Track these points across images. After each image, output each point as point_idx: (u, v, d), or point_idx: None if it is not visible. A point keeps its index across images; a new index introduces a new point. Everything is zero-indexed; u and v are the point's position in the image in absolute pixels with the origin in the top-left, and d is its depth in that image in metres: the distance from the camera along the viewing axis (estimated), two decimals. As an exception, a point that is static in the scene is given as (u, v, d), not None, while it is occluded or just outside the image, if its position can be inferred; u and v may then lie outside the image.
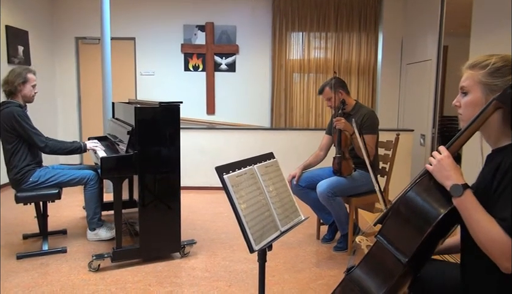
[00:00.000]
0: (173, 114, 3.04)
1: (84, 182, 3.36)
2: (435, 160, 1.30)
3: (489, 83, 1.27)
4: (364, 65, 6.75)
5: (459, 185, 1.22)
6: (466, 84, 1.33)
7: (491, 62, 1.28)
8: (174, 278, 2.88)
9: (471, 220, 1.20)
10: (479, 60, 1.31)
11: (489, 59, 1.29)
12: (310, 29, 6.70)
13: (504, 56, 1.30)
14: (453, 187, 1.23)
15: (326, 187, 3.13)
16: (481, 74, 1.29)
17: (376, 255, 1.36)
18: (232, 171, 1.61)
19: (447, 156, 1.28)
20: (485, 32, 3.98)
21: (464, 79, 1.34)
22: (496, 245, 1.13)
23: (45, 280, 2.82)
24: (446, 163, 1.27)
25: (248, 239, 1.54)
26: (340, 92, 3.34)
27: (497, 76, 1.26)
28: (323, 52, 6.78)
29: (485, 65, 1.28)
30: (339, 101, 3.28)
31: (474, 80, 1.30)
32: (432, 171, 1.30)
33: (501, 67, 1.26)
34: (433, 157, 1.32)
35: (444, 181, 1.26)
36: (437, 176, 1.29)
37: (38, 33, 6.25)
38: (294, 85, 6.83)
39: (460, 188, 1.21)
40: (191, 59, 6.80)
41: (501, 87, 1.24)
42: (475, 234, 1.19)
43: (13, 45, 5.55)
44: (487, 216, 1.18)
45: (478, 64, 1.31)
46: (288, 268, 3.09)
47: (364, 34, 6.68)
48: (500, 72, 1.26)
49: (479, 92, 1.29)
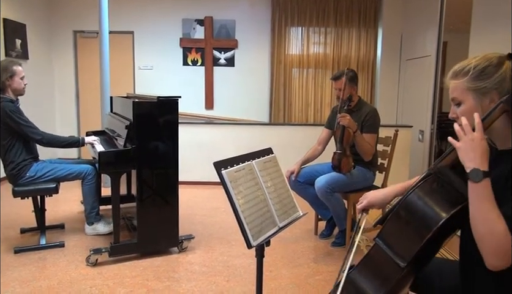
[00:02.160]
0: (172, 109, 3.03)
1: (82, 177, 3.36)
2: (467, 138, 1.17)
3: (477, 88, 1.23)
4: (363, 60, 6.73)
5: (480, 170, 1.14)
6: (456, 95, 1.28)
7: (472, 66, 1.24)
8: (172, 273, 2.88)
9: (479, 208, 1.14)
10: (460, 67, 1.28)
11: (469, 63, 1.26)
12: (310, 24, 6.67)
13: (484, 56, 1.26)
14: (474, 170, 1.15)
15: (325, 182, 3.13)
16: (466, 80, 1.25)
17: (374, 258, 1.34)
18: (230, 166, 1.60)
19: (481, 138, 1.16)
20: (485, 28, 3.97)
21: (452, 91, 1.30)
22: (495, 239, 1.11)
23: (43, 275, 2.82)
24: (478, 144, 1.16)
25: (246, 234, 1.54)
26: (354, 87, 3.33)
27: (484, 78, 1.23)
28: (322, 48, 6.75)
29: (468, 71, 1.25)
30: (347, 96, 3.25)
31: (462, 89, 1.26)
32: (459, 148, 1.19)
33: (484, 68, 1.23)
34: (461, 129, 1.19)
35: (467, 162, 1.17)
36: (462, 154, 1.18)
37: (35, 27, 6.21)
38: (293, 80, 6.81)
39: (481, 175, 1.14)
40: (190, 54, 6.78)
41: (491, 88, 1.21)
42: (477, 223, 1.15)
43: (11, 38, 5.52)
44: (496, 210, 1.13)
45: (460, 71, 1.27)
46: (286, 263, 3.09)
47: (363, 29, 6.66)
48: (484, 74, 1.23)
49: (471, 99, 1.25)
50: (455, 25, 5.65)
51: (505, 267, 1.12)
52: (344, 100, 3.25)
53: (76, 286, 2.66)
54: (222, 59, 6.79)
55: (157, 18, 6.67)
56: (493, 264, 1.12)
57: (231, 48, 6.77)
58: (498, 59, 1.24)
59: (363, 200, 1.65)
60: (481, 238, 1.14)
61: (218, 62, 6.80)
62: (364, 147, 3.18)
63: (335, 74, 3.40)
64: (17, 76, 3.19)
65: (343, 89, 3.25)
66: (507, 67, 1.23)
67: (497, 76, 1.21)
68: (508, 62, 1.23)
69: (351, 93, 3.28)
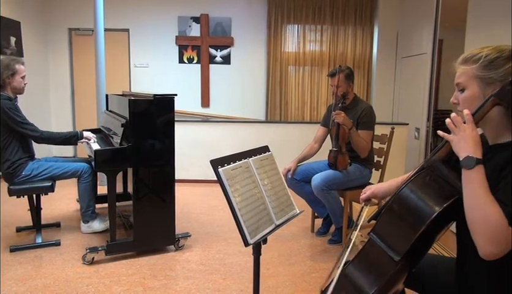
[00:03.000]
0: (168, 107, 3.02)
1: (77, 175, 3.34)
2: (459, 130, 1.20)
3: (484, 76, 1.25)
4: (359, 58, 6.74)
5: (473, 157, 1.16)
6: (462, 80, 1.30)
7: (483, 55, 1.25)
8: (169, 271, 2.88)
9: (473, 195, 1.15)
10: (471, 54, 1.29)
11: (480, 51, 1.27)
12: (306, 21, 6.67)
13: (497, 47, 1.27)
14: (466, 158, 1.17)
15: (321, 180, 3.13)
16: (475, 68, 1.26)
17: (369, 253, 1.35)
18: (227, 164, 1.60)
19: (472, 128, 1.19)
20: (480, 26, 3.98)
21: (459, 76, 1.31)
22: (490, 226, 1.10)
23: (39, 273, 2.81)
24: (469, 135, 1.18)
25: (243, 232, 1.54)
26: (350, 84, 3.33)
27: (491, 69, 1.24)
28: (319, 45, 6.75)
29: (478, 59, 1.26)
30: (342, 93, 3.24)
31: (469, 75, 1.27)
32: (452, 140, 1.22)
33: (495, 59, 1.24)
34: (453, 123, 1.21)
35: (460, 152, 1.19)
36: (455, 146, 1.21)
37: (30, 24, 6.17)
38: (289, 78, 6.81)
39: (473, 161, 1.15)
40: (185, 51, 6.76)
41: (496, 79, 1.22)
42: (472, 210, 1.15)
43: (5, 35, 5.48)
44: (490, 196, 1.13)
45: (471, 58, 1.28)
46: (283, 261, 3.10)
47: (359, 27, 6.67)
48: (493, 64, 1.24)
49: (476, 86, 1.26)
50: (451, 23, 5.67)
51: (501, 255, 1.11)
52: (339, 97, 3.25)
53: (73, 285, 2.65)
54: (218, 57, 6.78)
55: (152, 15, 6.65)
56: (489, 251, 1.11)
57: (227, 46, 6.75)
58: (510, 52, 1.25)
59: (367, 191, 1.66)
60: (475, 226, 1.13)
61: (215, 60, 6.78)
62: (359, 144, 3.18)
63: (332, 71, 3.40)
64: (18, 75, 3.16)
65: (338, 85, 3.26)
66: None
67: (505, 69, 1.22)
68: None
69: (347, 90, 3.29)
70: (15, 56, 5.57)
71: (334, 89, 3.33)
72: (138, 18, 6.65)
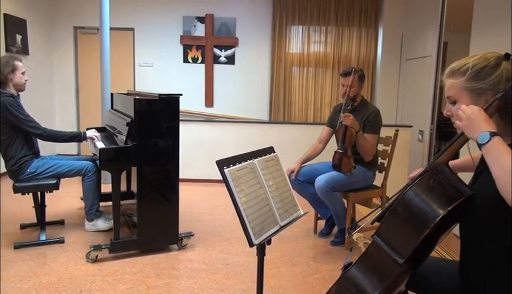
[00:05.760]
0: (173, 107, 3.03)
1: (82, 173, 3.36)
2: (466, 115, 1.20)
3: (473, 88, 1.25)
4: (363, 60, 6.74)
5: (486, 132, 1.14)
6: (452, 94, 1.30)
7: (470, 66, 1.25)
8: (172, 270, 2.89)
9: (500, 165, 1.10)
10: (458, 66, 1.28)
11: (467, 62, 1.26)
12: (310, 22, 6.67)
13: (482, 55, 1.26)
14: (479, 135, 1.15)
15: (325, 181, 3.13)
16: (464, 80, 1.26)
17: (372, 255, 1.35)
18: (233, 164, 1.61)
19: (477, 109, 1.18)
20: (485, 29, 3.97)
21: (448, 89, 1.32)
22: None
23: (43, 270, 2.83)
24: (476, 116, 1.18)
25: (248, 233, 1.55)
26: (361, 86, 3.33)
27: (479, 79, 1.24)
28: (323, 47, 6.76)
29: (466, 71, 1.26)
30: (353, 94, 3.23)
31: (458, 88, 1.28)
32: (463, 127, 1.22)
33: (482, 69, 1.24)
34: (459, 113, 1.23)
35: (473, 134, 1.18)
36: (467, 131, 1.21)
37: (36, 22, 6.20)
38: (293, 79, 6.82)
39: (487, 135, 1.13)
40: (190, 51, 6.77)
41: (487, 89, 1.23)
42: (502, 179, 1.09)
43: (11, 33, 5.51)
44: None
45: (458, 70, 1.28)
46: (285, 262, 3.10)
47: (364, 29, 6.67)
48: (481, 75, 1.24)
49: (467, 98, 1.26)
50: (456, 25, 5.66)
51: None
52: (349, 99, 3.23)
53: (76, 283, 2.67)
54: (222, 57, 6.79)
55: (157, 15, 6.67)
56: None
57: (231, 46, 6.76)
58: (496, 59, 1.24)
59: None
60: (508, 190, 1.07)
61: (219, 60, 6.80)
62: (365, 148, 3.18)
63: (345, 70, 3.33)
64: (18, 71, 3.18)
65: (351, 86, 3.22)
66: (504, 67, 1.24)
67: (493, 77, 1.23)
68: (505, 63, 1.24)
69: (358, 92, 3.28)
70: (21, 53, 5.60)
71: (345, 89, 3.28)
72: (143, 17, 6.67)
